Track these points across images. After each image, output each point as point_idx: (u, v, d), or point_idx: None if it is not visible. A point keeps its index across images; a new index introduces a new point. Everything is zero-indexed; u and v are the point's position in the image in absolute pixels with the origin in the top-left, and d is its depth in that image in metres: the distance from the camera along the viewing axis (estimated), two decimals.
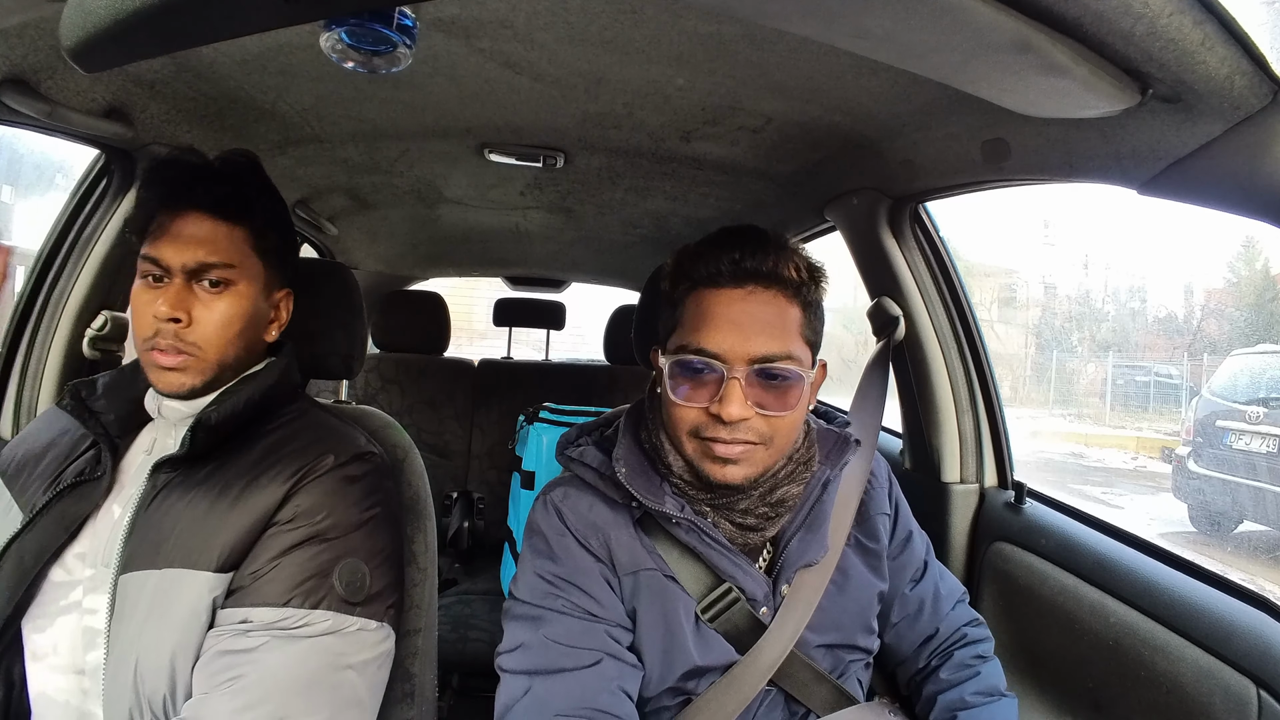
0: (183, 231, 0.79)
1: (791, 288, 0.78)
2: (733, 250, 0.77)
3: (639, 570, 0.81)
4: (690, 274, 0.80)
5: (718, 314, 0.77)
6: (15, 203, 4.79)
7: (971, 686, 0.89)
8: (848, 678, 0.88)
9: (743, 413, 0.74)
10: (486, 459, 2.46)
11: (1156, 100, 0.63)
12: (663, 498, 0.80)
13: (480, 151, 1.37)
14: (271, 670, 0.70)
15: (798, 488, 0.84)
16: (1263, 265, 5.61)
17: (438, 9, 0.81)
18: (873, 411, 1.08)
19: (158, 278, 0.80)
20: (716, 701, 0.80)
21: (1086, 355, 7.90)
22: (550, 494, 0.86)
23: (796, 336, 0.77)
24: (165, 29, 0.48)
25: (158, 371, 0.80)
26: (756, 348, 0.75)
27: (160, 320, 0.78)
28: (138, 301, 0.80)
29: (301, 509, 0.77)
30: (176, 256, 0.79)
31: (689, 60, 0.91)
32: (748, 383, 0.75)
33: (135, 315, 0.81)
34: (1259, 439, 3.64)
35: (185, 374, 0.80)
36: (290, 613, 0.72)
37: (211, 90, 1.07)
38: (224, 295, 0.82)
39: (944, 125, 0.98)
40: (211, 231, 0.81)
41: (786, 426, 0.78)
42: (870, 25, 0.55)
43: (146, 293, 0.80)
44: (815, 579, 0.84)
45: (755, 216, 1.69)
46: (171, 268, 0.79)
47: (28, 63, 0.86)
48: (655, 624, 0.81)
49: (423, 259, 2.70)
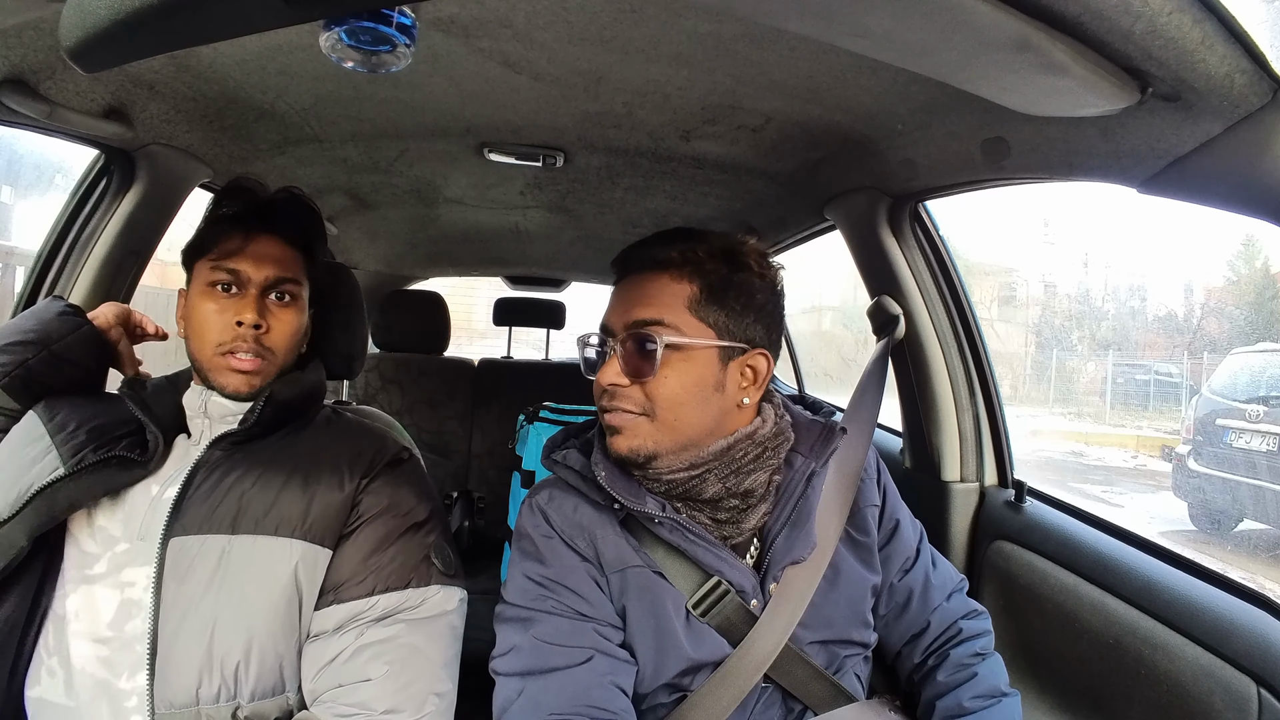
0: (261, 250, 0.89)
1: (680, 266, 0.81)
2: (640, 245, 0.85)
3: (626, 568, 0.82)
4: (615, 274, 0.88)
5: (614, 296, 0.85)
6: (15, 203, 4.79)
7: (969, 690, 0.87)
8: (845, 674, 0.88)
9: (612, 379, 0.80)
10: (487, 458, 2.46)
11: (1156, 99, 0.63)
12: (644, 498, 0.81)
13: (480, 151, 1.37)
14: (416, 649, 0.82)
15: (764, 474, 0.83)
16: (1262, 263, 5.61)
17: (437, 8, 0.81)
18: (869, 406, 1.07)
19: (228, 287, 0.88)
20: (711, 696, 0.80)
21: (1086, 354, 7.91)
22: (536, 497, 0.87)
23: (680, 309, 0.80)
24: (164, 29, 0.48)
25: (230, 374, 0.88)
26: (630, 316, 0.81)
27: (245, 326, 0.86)
28: (207, 309, 0.88)
29: (386, 501, 0.89)
30: (257, 271, 0.88)
31: (689, 59, 0.91)
32: (623, 353, 0.80)
33: (205, 321, 0.88)
34: (1259, 437, 3.64)
35: (258, 376, 0.89)
36: (411, 593, 0.84)
37: (211, 90, 1.07)
38: (290, 307, 0.92)
39: (944, 124, 0.98)
40: (283, 253, 0.91)
41: (665, 399, 0.79)
42: (870, 24, 0.55)
43: (220, 300, 0.88)
44: (804, 575, 0.83)
45: (755, 215, 1.70)
46: (251, 280, 0.88)
47: (27, 63, 0.86)
48: (646, 620, 0.81)
49: (423, 259, 2.70)
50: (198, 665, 0.78)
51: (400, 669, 0.80)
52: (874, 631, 0.91)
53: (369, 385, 2.45)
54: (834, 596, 0.86)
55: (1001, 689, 0.89)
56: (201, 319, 0.88)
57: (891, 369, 1.35)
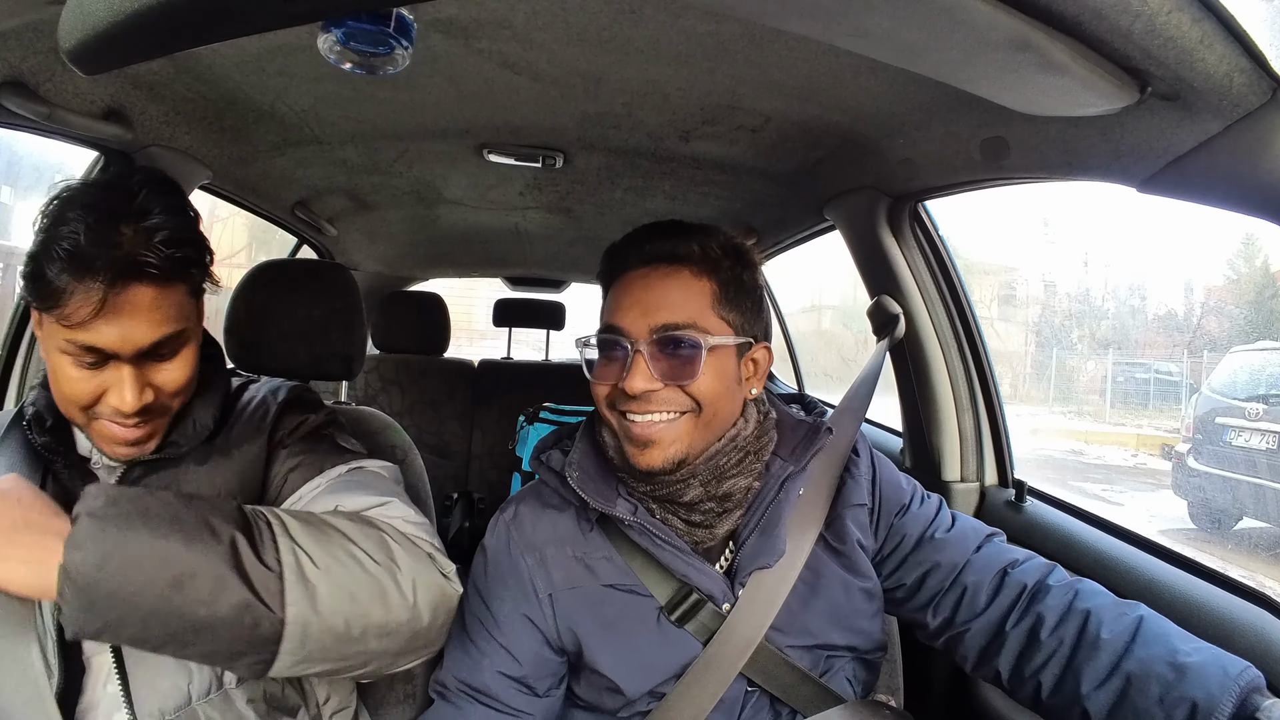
0: (127, 311, 0.69)
1: (699, 262, 0.80)
2: (644, 239, 0.81)
3: (574, 588, 0.81)
4: (611, 267, 0.84)
5: (624, 293, 0.81)
6: (15, 204, 4.79)
7: (1090, 674, 0.73)
8: (833, 676, 0.85)
9: (647, 384, 0.76)
10: (487, 459, 2.46)
11: (1155, 98, 0.63)
12: (614, 500, 0.80)
13: (479, 152, 1.37)
14: (360, 483, 0.78)
15: (746, 480, 0.82)
16: (1262, 262, 5.60)
17: (436, 9, 0.81)
18: (857, 406, 1.03)
19: (90, 363, 0.71)
20: (685, 698, 0.79)
21: (1086, 353, 7.90)
22: (504, 513, 0.87)
23: (706, 309, 0.79)
24: (164, 31, 0.48)
25: (111, 444, 0.75)
26: (657, 319, 0.77)
27: (121, 410, 0.72)
28: (65, 371, 0.71)
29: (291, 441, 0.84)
30: (125, 343, 0.70)
31: (688, 60, 0.91)
32: (652, 355, 0.77)
33: (66, 382, 0.71)
34: (1259, 435, 3.63)
35: (149, 439, 0.76)
36: (332, 470, 0.81)
37: (210, 92, 1.07)
38: (178, 357, 0.75)
39: (943, 124, 0.98)
40: (158, 299, 0.71)
41: (707, 394, 0.77)
42: (869, 24, 0.55)
43: (82, 370, 0.71)
44: (772, 581, 0.81)
45: (754, 216, 1.70)
46: (120, 353, 0.70)
47: (26, 65, 0.85)
48: (602, 636, 0.80)
49: (422, 260, 2.70)
50: (178, 663, 0.73)
51: (355, 493, 0.76)
52: (870, 634, 0.87)
53: (369, 386, 2.45)
54: (814, 603, 0.83)
55: (1124, 610, 0.76)
56: (60, 378, 0.71)
57: (892, 369, 1.35)
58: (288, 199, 1.72)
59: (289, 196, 1.70)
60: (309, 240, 2.10)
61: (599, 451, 0.85)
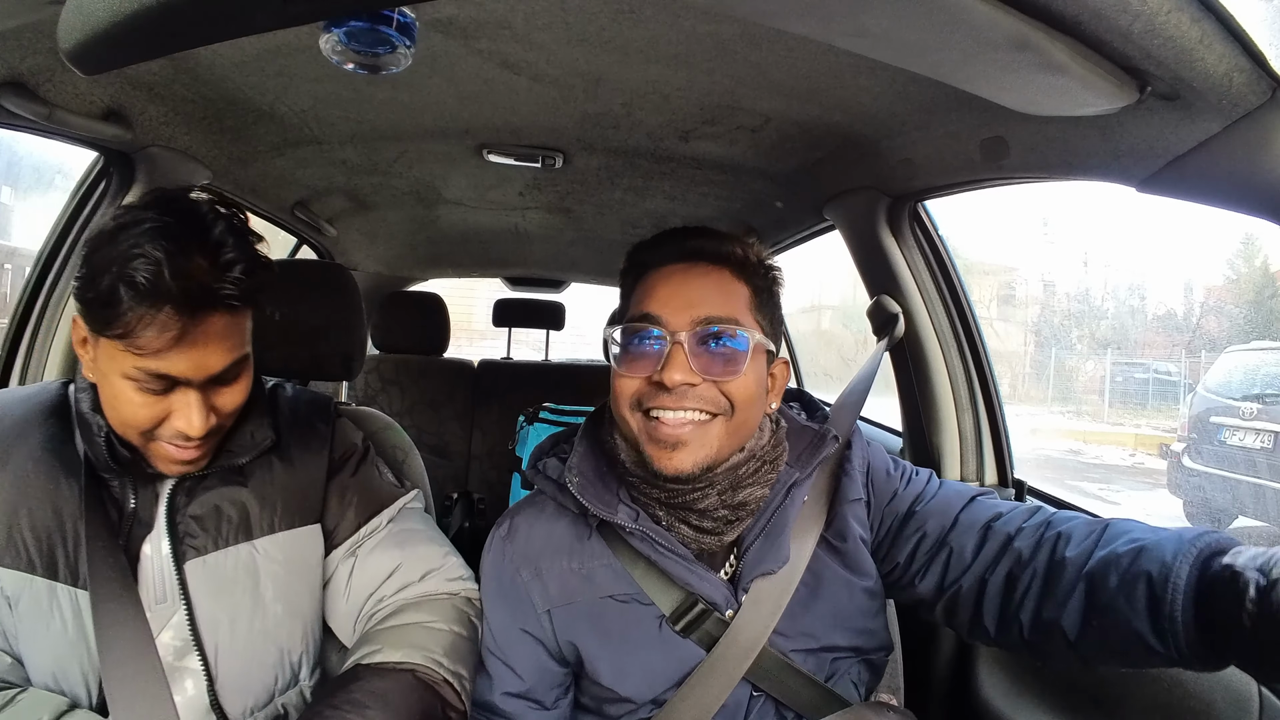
0: (201, 342, 0.71)
1: (740, 266, 0.79)
2: (681, 236, 0.80)
3: (571, 602, 0.81)
4: (642, 261, 0.81)
5: (661, 285, 0.78)
6: (15, 204, 4.79)
7: (1060, 594, 0.68)
8: (839, 679, 0.84)
9: (687, 377, 0.73)
10: (487, 459, 2.46)
11: (1155, 98, 0.63)
12: (616, 507, 0.79)
13: (479, 152, 1.37)
14: (410, 531, 0.93)
15: (761, 490, 0.80)
16: (1262, 262, 5.62)
17: (436, 9, 0.81)
18: (852, 407, 1.02)
19: (157, 390, 0.72)
20: (687, 702, 0.78)
21: (1085, 352, 7.91)
22: (499, 528, 0.87)
23: (745, 309, 0.77)
24: (164, 31, 0.48)
25: (167, 463, 0.77)
26: (700, 311, 0.75)
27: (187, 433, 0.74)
28: (127, 396, 0.72)
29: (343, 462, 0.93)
30: (199, 371, 0.72)
31: (687, 60, 0.91)
32: (692, 350, 0.74)
33: (126, 407, 0.72)
34: (1253, 434, 3.64)
35: (205, 457, 0.79)
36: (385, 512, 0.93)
37: (210, 92, 1.07)
38: (239, 381, 0.78)
39: (943, 123, 0.98)
40: (229, 327, 0.73)
41: (742, 396, 0.75)
42: (868, 24, 0.56)
43: (145, 396, 0.72)
44: (775, 587, 0.80)
45: (754, 216, 1.70)
46: (192, 381, 0.72)
47: (26, 66, 0.85)
48: (603, 648, 0.80)
49: (422, 260, 2.70)
50: (271, 665, 0.82)
51: (406, 548, 0.90)
52: (879, 633, 0.87)
53: (369, 387, 2.45)
54: (816, 606, 0.83)
55: (1094, 526, 0.71)
56: (120, 402, 0.72)
57: (892, 369, 1.35)
58: (287, 199, 1.72)
59: (289, 197, 1.71)
60: (309, 240, 2.10)
61: (599, 456, 0.84)
